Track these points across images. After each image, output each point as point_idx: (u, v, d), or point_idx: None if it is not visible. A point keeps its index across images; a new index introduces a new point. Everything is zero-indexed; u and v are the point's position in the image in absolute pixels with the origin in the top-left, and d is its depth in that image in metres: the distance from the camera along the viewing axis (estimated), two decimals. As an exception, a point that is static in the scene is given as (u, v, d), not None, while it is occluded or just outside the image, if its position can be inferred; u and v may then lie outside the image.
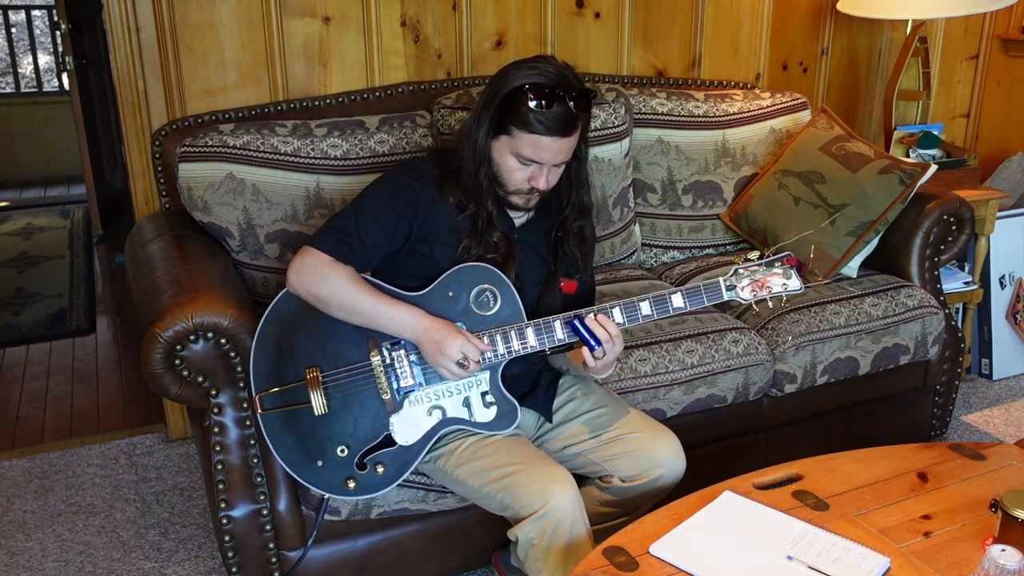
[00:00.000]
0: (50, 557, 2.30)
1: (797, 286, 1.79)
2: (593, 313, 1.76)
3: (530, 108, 1.69)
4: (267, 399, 1.82)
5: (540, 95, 1.69)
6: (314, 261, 1.78)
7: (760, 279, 1.78)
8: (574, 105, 1.71)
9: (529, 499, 1.70)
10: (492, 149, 1.79)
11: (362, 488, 1.83)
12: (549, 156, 1.75)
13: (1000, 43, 3.62)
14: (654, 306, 1.79)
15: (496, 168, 1.80)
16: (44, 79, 7.34)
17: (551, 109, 1.69)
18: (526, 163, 1.77)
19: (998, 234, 3.10)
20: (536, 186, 1.79)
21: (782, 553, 1.43)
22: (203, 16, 2.51)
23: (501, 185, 1.82)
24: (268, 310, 1.85)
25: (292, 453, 1.82)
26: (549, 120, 1.70)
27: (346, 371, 1.82)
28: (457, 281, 1.82)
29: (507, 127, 1.74)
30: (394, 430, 1.82)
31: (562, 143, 1.74)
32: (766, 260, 1.80)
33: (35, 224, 5.33)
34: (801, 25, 3.32)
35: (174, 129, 2.48)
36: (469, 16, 2.81)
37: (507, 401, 1.84)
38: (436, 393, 1.83)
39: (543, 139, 1.72)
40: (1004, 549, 1.29)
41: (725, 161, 2.82)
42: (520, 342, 1.79)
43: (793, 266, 1.80)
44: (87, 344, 3.64)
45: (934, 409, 2.74)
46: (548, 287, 1.90)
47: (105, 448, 2.81)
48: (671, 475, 1.86)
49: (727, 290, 1.79)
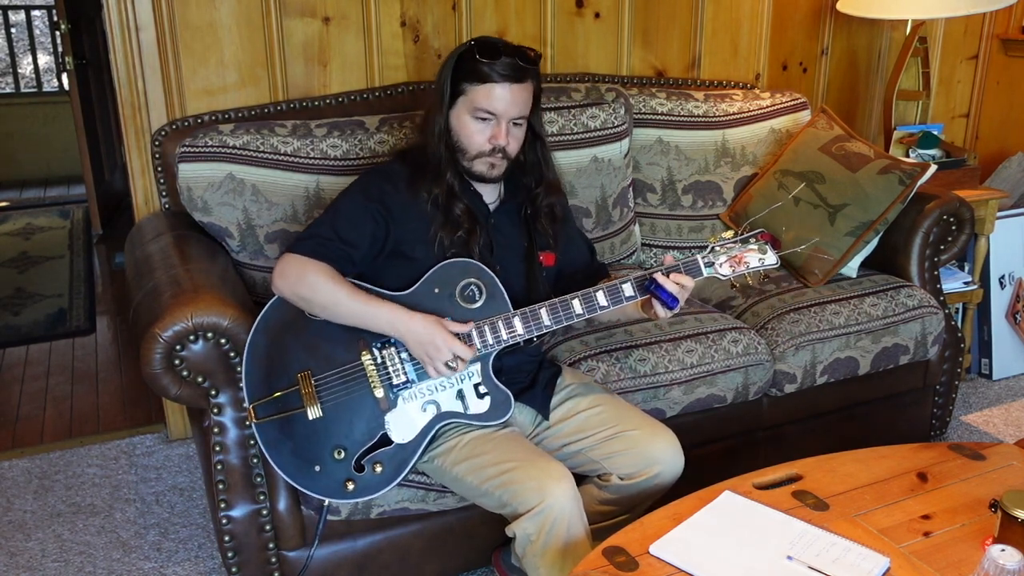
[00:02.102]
0: (50, 557, 2.30)
1: (773, 260, 1.82)
2: (663, 272, 1.78)
3: (480, 60, 1.78)
4: (261, 408, 1.82)
5: (487, 47, 1.80)
6: (295, 262, 1.81)
7: (737, 255, 1.81)
8: (520, 58, 1.80)
9: (527, 496, 1.70)
10: (450, 117, 1.85)
11: (361, 489, 1.83)
12: (503, 106, 1.81)
13: (1000, 43, 3.62)
14: (636, 288, 1.81)
15: (455, 136, 1.86)
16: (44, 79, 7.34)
17: (500, 59, 1.78)
18: (483, 117, 1.82)
19: (998, 234, 3.10)
20: (497, 143, 1.83)
21: (782, 553, 1.43)
22: (203, 16, 2.51)
23: (463, 152, 1.86)
24: (257, 320, 1.85)
25: (289, 461, 1.82)
26: (500, 67, 1.78)
27: (338, 373, 1.82)
28: (441, 278, 1.84)
29: (460, 86, 1.82)
30: (390, 428, 1.83)
31: (515, 91, 1.80)
32: (741, 237, 1.83)
33: (35, 224, 5.33)
34: (801, 25, 3.32)
35: (174, 129, 2.48)
36: (469, 16, 2.81)
37: (500, 391, 1.85)
38: (429, 388, 1.84)
39: (496, 87, 1.79)
40: (1004, 549, 1.29)
41: (725, 161, 2.82)
42: (508, 331, 1.80)
43: (767, 241, 1.83)
44: (87, 344, 3.64)
45: (934, 409, 2.74)
46: (530, 263, 1.94)
47: (105, 448, 2.81)
48: (669, 473, 1.86)
49: (706, 267, 1.81)
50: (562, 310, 1.81)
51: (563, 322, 1.81)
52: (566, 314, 1.81)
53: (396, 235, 1.87)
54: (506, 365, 1.91)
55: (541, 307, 1.81)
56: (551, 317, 1.80)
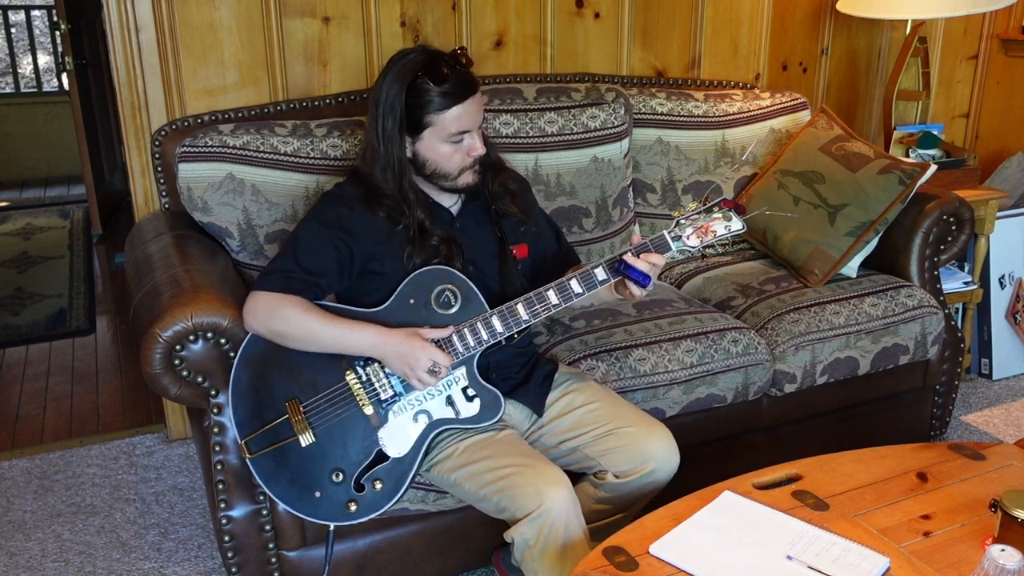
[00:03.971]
0: (50, 557, 2.30)
1: (739, 226, 1.80)
2: (631, 252, 1.77)
3: (436, 90, 1.75)
4: (253, 442, 1.81)
5: (436, 74, 1.75)
6: (263, 299, 1.80)
7: (703, 226, 1.79)
8: (461, 65, 1.78)
9: (524, 501, 1.71)
10: (418, 151, 1.82)
11: (364, 509, 1.82)
12: (472, 120, 1.80)
13: (1000, 43, 3.62)
14: (608, 271, 1.80)
15: (433, 165, 1.83)
16: (44, 79, 7.34)
17: (452, 79, 1.75)
18: (458, 139, 1.80)
19: (998, 234, 3.10)
20: (477, 154, 1.83)
21: (782, 553, 1.43)
22: (203, 16, 2.52)
23: (445, 176, 1.84)
24: (238, 355, 1.84)
25: (289, 491, 1.82)
26: (457, 89, 1.76)
27: (325, 396, 1.82)
28: (415, 288, 1.84)
29: (424, 120, 1.78)
30: (384, 444, 1.82)
31: (476, 101, 1.80)
32: (704, 208, 1.81)
33: (35, 224, 5.33)
34: (801, 25, 3.32)
35: (174, 129, 2.48)
36: (468, 16, 2.81)
37: (488, 391, 1.85)
38: (418, 398, 1.84)
39: (461, 107, 1.77)
40: (1004, 549, 1.29)
41: (725, 161, 2.82)
42: (488, 331, 1.80)
43: (732, 208, 1.81)
44: (87, 344, 3.64)
45: (934, 409, 2.74)
46: (504, 260, 1.93)
47: (105, 448, 2.81)
48: (664, 469, 1.86)
49: (673, 240, 1.79)
50: (538, 303, 1.80)
51: (541, 315, 1.80)
52: (543, 306, 1.80)
53: (361, 255, 1.86)
54: (495, 361, 1.91)
55: (517, 303, 1.80)
56: (528, 311, 1.80)
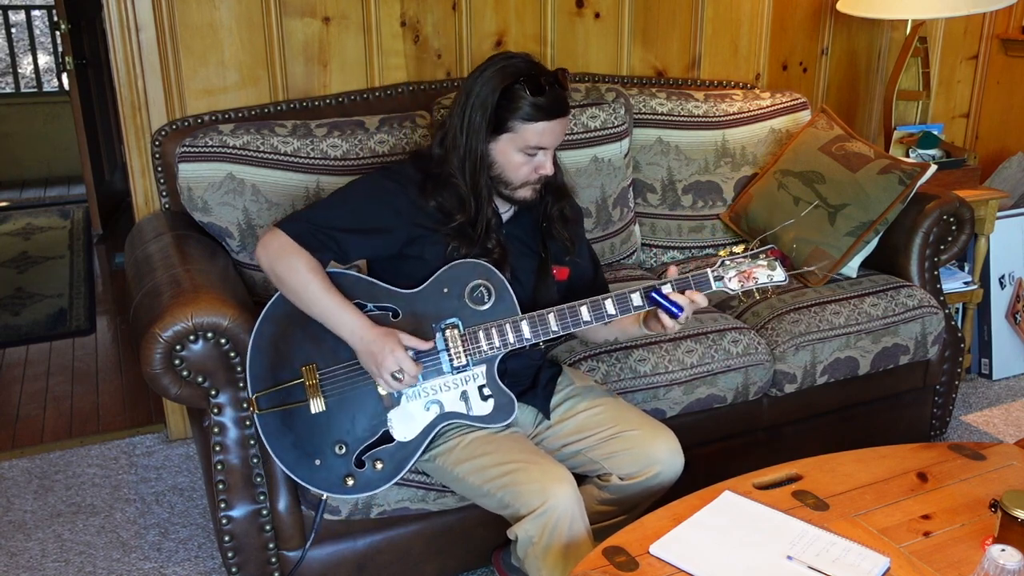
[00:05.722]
0: (50, 557, 2.30)
1: (782, 277, 1.83)
2: (670, 284, 1.79)
3: (530, 100, 1.75)
4: (264, 399, 1.82)
5: (535, 85, 1.76)
6: (280, 240, 1.80)
7: (747, 271, 1.82)
8: (560, 86, 1.79)
9: (528, 497, 1.71)
10: (490, 151, 1.81)
11: (361, 486, 1.83)
12: (552, 140, 1.81)
13: (1000, 43, 3.62)
14: (644, 298, 1.81)
15: (499, 169, 1.83)
16: (44, 79, 7.34)
17: (548, 95, 1.76)
18: (532, 153, 1.81)
19: (998, 234, 3.10)
20: (544, 173, 1.83)
21: (782, 553, 1.43)
22: (203, 16, 2.52)
23: (507, 184, 1.84)
24: (264, 310, 1.85)
25: (290, 453, 1.82)
26: (549, 105, 1.76)
27: (344, 368, 1.82)
28: (452, 278, 1.84)
29: (507, 124, 1.78)
30: (392, 426, 1.83)
31: (563, 123, 1.81)
32: (751, 252, 1.84)
33: (35, 224, 5.33)
34: (801, 25, 3.32)
35: (174, 129, 2.48)
36: (469, 16, 2.81)
37: (504, 394, 1.85)
38: (433, 388, 1.84)
39: (547, 124, 1.77)
40: (1004, 549, 1.29)
41: (725, 161, 2.82)
42: (515, 335, 1.80)
43: (777, 258, 1.84)
44: (87, 344, 3.64)
45: (934, 409, 2.74)
46: (542, 277, 1.93)
47: (105, 448, 2.81)
48: (669, 472, 1.87)
49: (715, 280, 1.81)
50: (570, 316, 1.80)
51: (570, 328, 1.81)
52: (573, 320, 1.80)
53: (402, 237, 1.85)
54: (510, 368, 1.91)
55: (549, 312, 1.81)
56: (559, 323, 1.80)
